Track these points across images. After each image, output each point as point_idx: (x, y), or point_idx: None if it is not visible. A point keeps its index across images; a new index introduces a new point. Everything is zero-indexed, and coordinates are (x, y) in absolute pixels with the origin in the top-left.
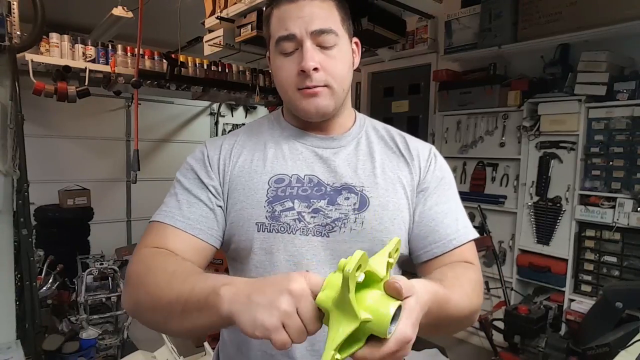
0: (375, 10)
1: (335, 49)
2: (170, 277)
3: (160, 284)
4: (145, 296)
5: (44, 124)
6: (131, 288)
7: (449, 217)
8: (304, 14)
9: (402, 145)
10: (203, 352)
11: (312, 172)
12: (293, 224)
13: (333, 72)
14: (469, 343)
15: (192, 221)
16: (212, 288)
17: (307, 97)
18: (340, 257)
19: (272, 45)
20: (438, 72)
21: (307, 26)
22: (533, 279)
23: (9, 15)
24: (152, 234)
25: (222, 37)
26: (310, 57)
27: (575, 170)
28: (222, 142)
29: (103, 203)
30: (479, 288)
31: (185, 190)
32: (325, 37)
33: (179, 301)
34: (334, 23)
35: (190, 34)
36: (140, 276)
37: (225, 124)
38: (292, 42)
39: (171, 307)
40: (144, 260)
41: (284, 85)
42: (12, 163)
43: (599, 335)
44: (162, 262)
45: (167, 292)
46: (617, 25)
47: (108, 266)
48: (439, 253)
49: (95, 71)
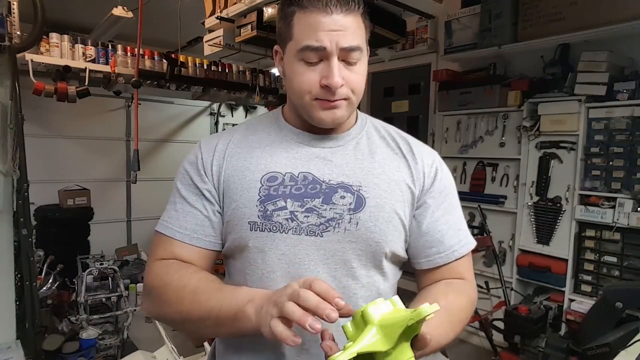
0: (375, 10)
1: (359, 64)
2: (192, 294)
3: (184, 301)
4: (172, 313)
5: (44, 124)
6: (152, 302)
7: (453, 227)
8: (337, 28)
9: (405, 148)
10: (203, 352)
11: (307, 170)
12: (285, 224)
13: (355, 87)
14: (469, 343)
15: (190, 231)
16: (238, 307)
17: (326, 109)
18: (334, 257)
19: (293, 49)
20: (438, 72)
21: (339, 41)
22: (533, 279)
23: (9, 15)
24: (159, 246)
25: (222, 37)
26: (338, 74)
27: (575, 170)
28: (217, 142)
29: (103, 203)
30: (466, 314)
31: (182, 199)
32: (353, 54)
33: (210, 317)
34: (361, 39)
35: (190, 34)
36: (160, 293)
37: (225, 124)
38: (319, 53)
39: (203, 322)
40: (159, 275)
41: (301, 93)
42: (12, 163)
43: (599, 335)
44: (177, 277)
45: (196, 309)
46: (617, 25)
47: (108, 266)
48: (441, 263)
49: (95, 71)
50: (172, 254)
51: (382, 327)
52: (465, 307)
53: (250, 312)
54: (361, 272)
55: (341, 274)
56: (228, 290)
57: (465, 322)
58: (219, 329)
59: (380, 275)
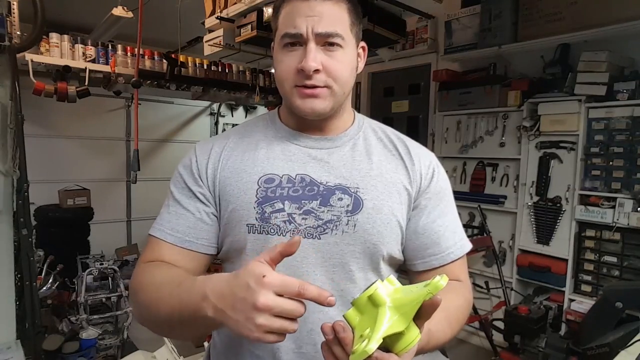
0: (375, 10)
1: (339, 52)
2: (157, 291)
3: (152, 299)
4: (145, 313)
5: (44, 124)
6: (133, 304)
7: (449, 229)
8: (313, 14)
9: (402, 149)
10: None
11: (304, 172)
12: (283, 226)
13: (334, 74)
14: (469, 343)
15: (181, 234)
16: (195, 305)
17: (305, 97)
18: (332, 259)
19: (277, 39)
20: (438, 72)
21: (315, 26)
22: (533, 279)
23: (9, 15)
24: (149, 248)
25: (222, 37)
26: (312, 57)
27: (575, 170)
28: (212, 145)
29: (103, 203)
30: (464, 314)
31: (175, 202)
32: (331, 40)
33: (173, 315)
34: (342, 26)
35: (190, 34)
36: (135, 293)
37: (225, 124)
38: (297, 40)
39: (170, 321)
40: (137, 276)
41: (281, 80)
42: (12, 163)
43: (599, 335)
44: (151, 276)
45: (162, 307)
46: (617, 25)
47: (108, 266)
48: (437, 265)
49: (95, 71)
50: (160, 257)
51: (397, 307)
52: (462, 307)
53: (208, 311)
54: (359, 275)
55: (339, 277)
56: (185, 285)
57: (463, 322)
58: (187, 328)
59: (377, 277)
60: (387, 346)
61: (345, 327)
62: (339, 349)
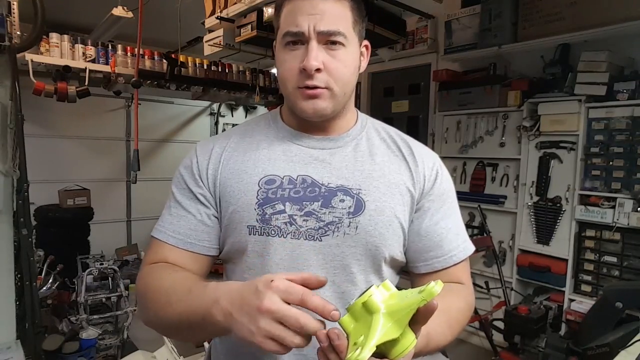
0: (375, 10)
1: (341, 51)
2: (167, 296)
3: (161, 303)
4: (153, 316)
5: (44, 124)
6: (139, 306)
7: (452, 232)
8: (315, 12)
9: (406, 150)
10: (203, 352)
11: (305, 173)
12: (284, 228)
13: (336, 74)
14: (469, 343)
15: (183, 235)
16: (205, 309)
17: (306, 98)
18: (333, 261)
19: (279, 37)
20: (438, 72)
21: (316, 25)
22: (533, 279)
23: (9, 15)
24: (153, 250)
25: (222, 37)
26: (314, 56)
27: (575, 170)
28: (213, 146)
29: (103, 203)
30: (464, 316)
31: (176, 203)
32: (333, 38)
33: (181, 320)
34: (345, 25)
35: (190, 34)
36: (143, 296)
37: (225, 124)
38: (299, 38)
39: (179, 326)
40: (143, 278)
41: (284, 81)
42: (12, 163)
43: (599, 335)
44: (158, 279)
45: (170, 312)
46: (617, 25)
47: (108, 266)
48: (439, 268)
49: (95, 71)
50: (164, 259)
51: (391, 313)
52: (463, 309)
53: (218, 315)
54: (360, 277)
55: (340, 279)
56: (196, 291)
57: (464, 324)
58: (195, 333)
59: (379, 280)
60: (382, 352)
61: (340, 334)
62: (334, 356)
